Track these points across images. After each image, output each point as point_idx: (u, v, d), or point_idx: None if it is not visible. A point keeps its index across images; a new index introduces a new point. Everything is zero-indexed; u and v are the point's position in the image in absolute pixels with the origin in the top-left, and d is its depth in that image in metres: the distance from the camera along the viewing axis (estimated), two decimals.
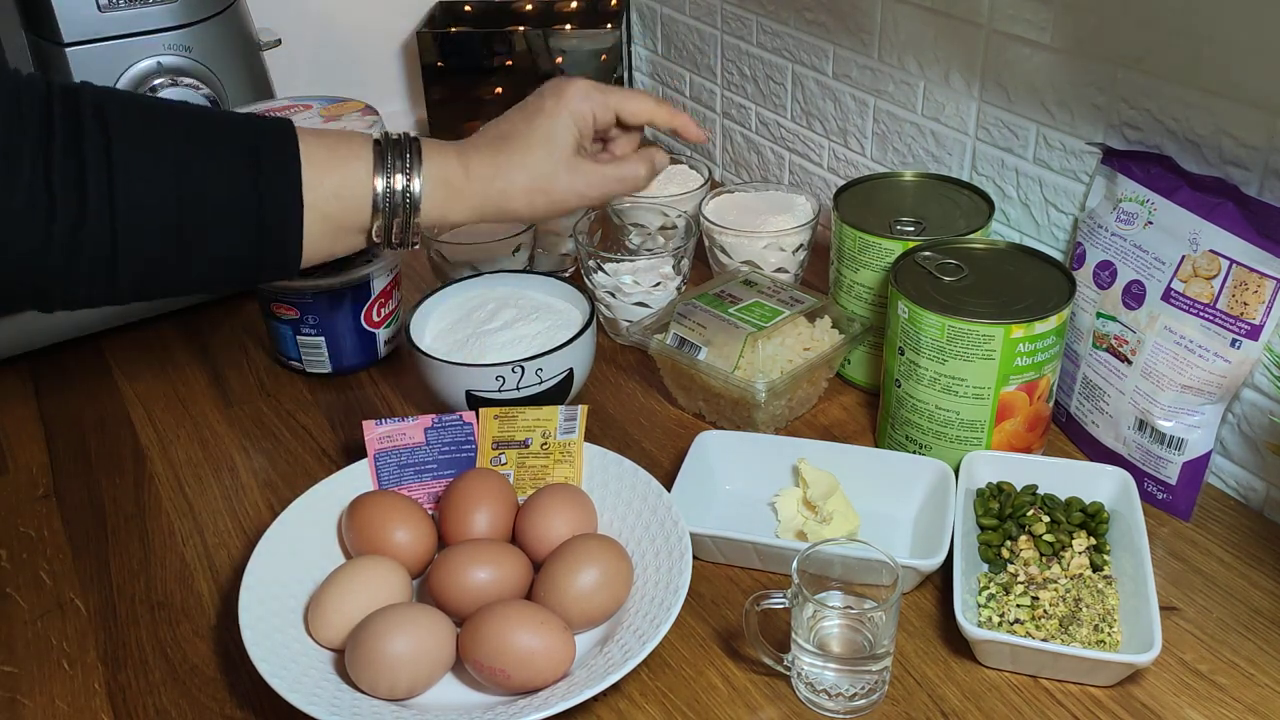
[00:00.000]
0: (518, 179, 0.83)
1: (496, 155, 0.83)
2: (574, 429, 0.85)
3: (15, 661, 0.76)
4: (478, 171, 0.82)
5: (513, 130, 0.85)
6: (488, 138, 0.85)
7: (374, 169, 0.78)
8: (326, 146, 0.77)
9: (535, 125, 0.84)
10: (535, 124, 0.85)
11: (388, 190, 0.78)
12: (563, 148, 0.84)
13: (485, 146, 0.84)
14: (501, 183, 0.82)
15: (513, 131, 0.85)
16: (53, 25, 1.00)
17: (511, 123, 0.86)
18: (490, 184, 0.82)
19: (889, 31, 1.06)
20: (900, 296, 0.83)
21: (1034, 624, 0.73)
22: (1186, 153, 0.82)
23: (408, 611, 0.70)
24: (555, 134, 0.84)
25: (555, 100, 0.86)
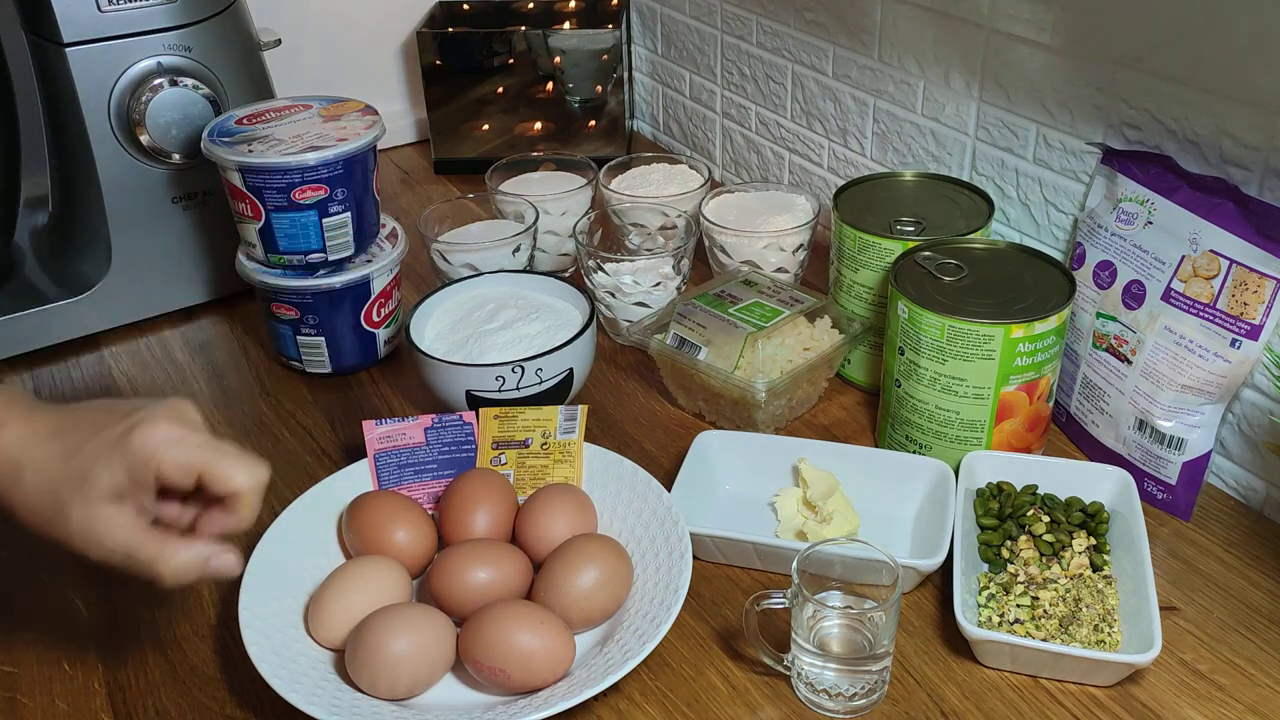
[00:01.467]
0: (26, 483, 0.63)
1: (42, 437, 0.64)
2: (574, 429, 0.85)
3: (15, 661, 0.76)
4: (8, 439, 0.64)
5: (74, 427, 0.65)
6: (59, 411, 0.66)
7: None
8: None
9: (88, 441, 0.64)
10: (91, 439, 0.64)
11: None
12: (90, 487, 0.63)
13: (41, 417, 0.65)
14: (9, 476, 0.63)
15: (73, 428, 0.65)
16: (53, 25, 1.00)
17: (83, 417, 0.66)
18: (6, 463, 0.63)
19: (889, 31, 1.06)
20: (900, 296, 0.83)
21: (1034, 624, 0.73)
22: (1186, 153, 0.82)
23: (408, 611, 0.70)
24: (94, 465, 0.63)
25: (129, 427, 0.64)
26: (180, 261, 1.12)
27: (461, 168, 1.42)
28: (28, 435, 0.64)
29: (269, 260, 0.98)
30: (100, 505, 0.63)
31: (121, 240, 1.08)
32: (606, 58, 1.37)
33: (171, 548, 0.64)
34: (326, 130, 0.97)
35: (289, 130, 0.97)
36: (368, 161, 0.98)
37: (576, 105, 1.40)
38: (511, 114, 1.40)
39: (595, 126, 1.41)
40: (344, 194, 0.96)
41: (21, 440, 0.64)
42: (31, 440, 0.64)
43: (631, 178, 1.18)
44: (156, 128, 1.04)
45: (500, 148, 1.40)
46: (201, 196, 1.10)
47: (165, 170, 1.07)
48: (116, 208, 1.07)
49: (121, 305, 1.10)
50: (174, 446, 0.64)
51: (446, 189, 1.39)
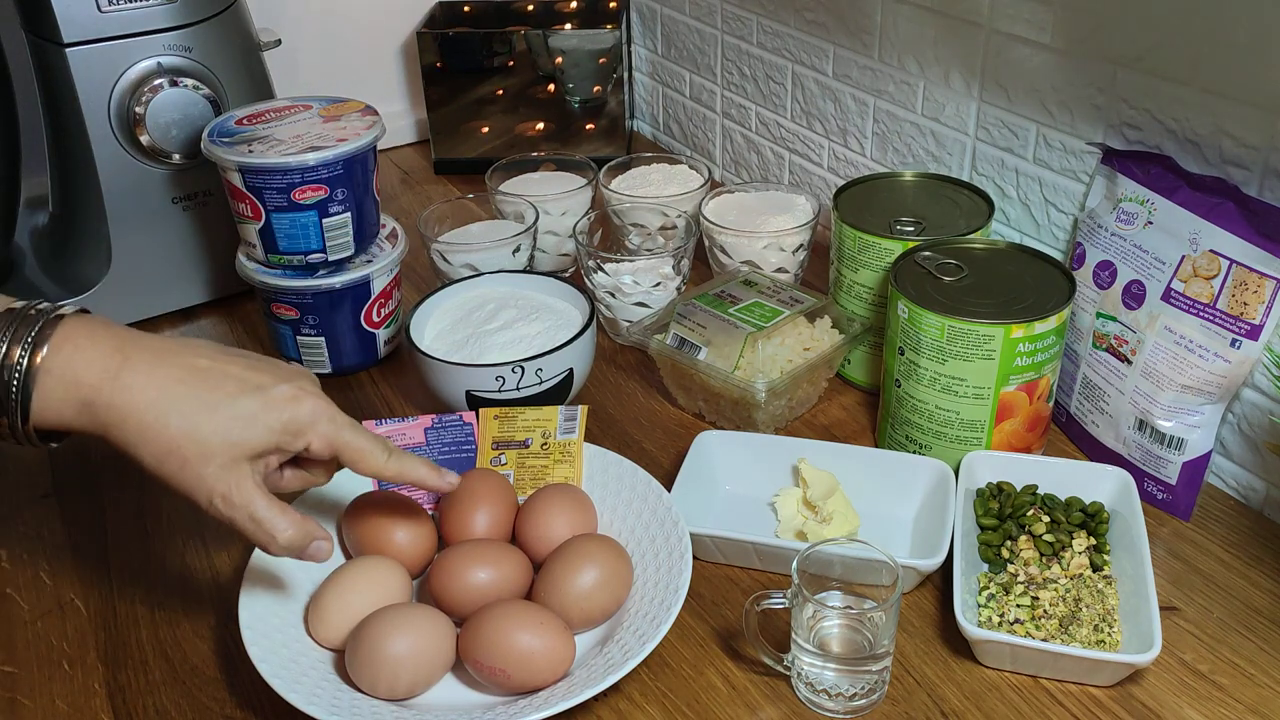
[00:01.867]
0: (170, 428, 0.62)
1: (171, 382, 0.63)
2: (574, 429, 0.85)
3: (15, 661, 0.76)
4: (128, 383, 0.62)
5: (216, 376, 0.65)
6: (175, 355, 0.65)
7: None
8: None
9: (244, 395, 0.64)
10: (245, 394, 0.65)
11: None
12: (243, 443, 0.64)
13: (163, 361, 0.64)
14: (148, 415, 0.62)
15: (215, 377, 0.65)
16: (53, 25, 1.00)
17: (220, 368, 0.65)
18: (134, 408, 0.62)
19: (889, 31, 1.06)
20: (900, 296, 0.83)
21: (1034, 624, 0.73)
22: (1186, 153, 0.82)
23: (408, 611, 0.70)
24: (252, 424, 0.64)
25: (285, 395, 0.66)
26: (180, 261, 1.12)
27: (461, 168, 1.42)
28: (166, 375, 0.63)
29: (269, 260, 0.98)
30: (244, 462, 0.64)
31: (121, 240, 1.08)
32: (606, 58, 1.37)
33: (287, 520, 0.66)
34: (326, 130, 0.97)
35: (289, 130, 0.97)
36: (368, 162, 0.98)
37: (576, 105, 1.40)
38: (511, 114, 1.40)
39: (595, 126, 1.41)
40: (344, 194, 0.96)
41: (160, 379, 0.63)
42: (173, 380, 0.63)
43: (631, 178, 1.18)
44: (156, 128, 1.04)
45: (500, 148, 1.40)
46: (201, 197, 1.10)
47: (165, 170, 1.07)
48: (116, 208, 1.07)
49: (121, 305, 1.10)
50: (329, 423, 0.67)
51: (446, 189, 1.39)
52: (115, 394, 0.62)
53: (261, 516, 0.65)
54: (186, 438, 0.63)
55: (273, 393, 0.65)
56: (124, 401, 0.62)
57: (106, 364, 0.62)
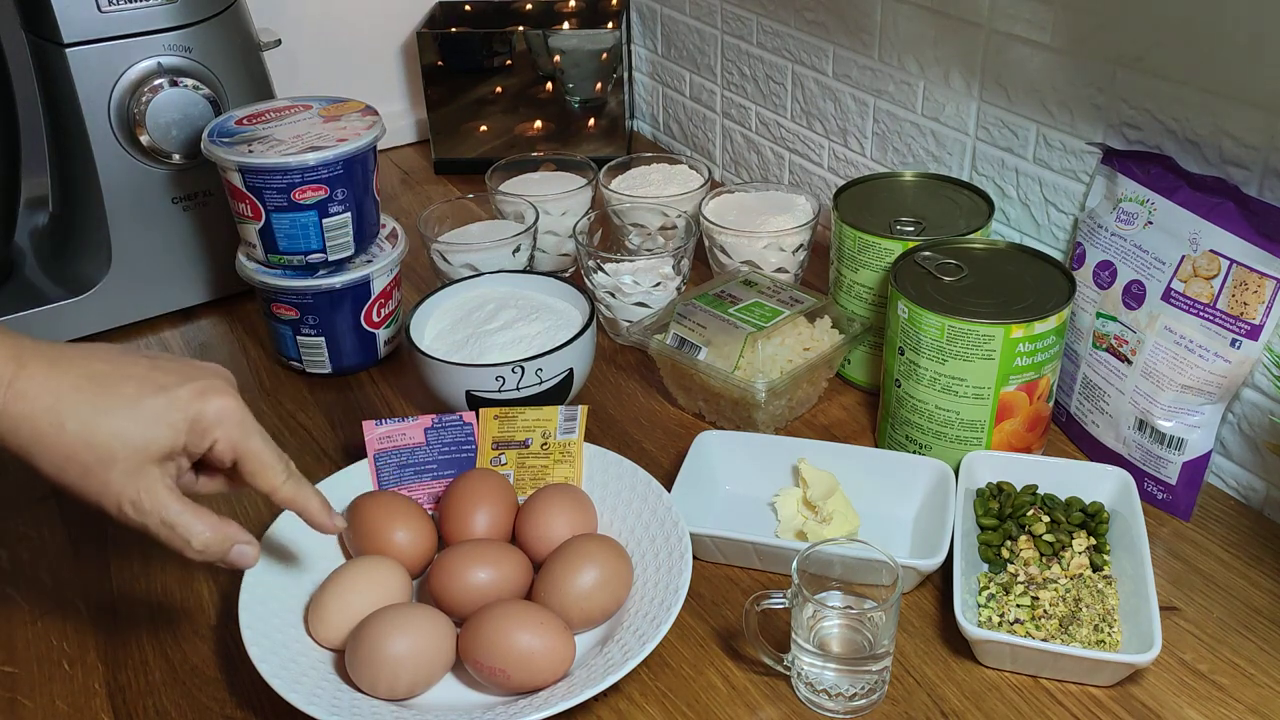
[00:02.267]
0: (67, 434, 0.61)
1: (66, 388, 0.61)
2: (574, 429, 0.85)
3: (15, 661, 0.76)
4: (22, 390, 0.60)
5: (115, 379, 0.62)
6: (73, 361, 0.63)
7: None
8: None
9: (148, 395, 0.62)
10: (147, 395, 0.62)
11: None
12: (148, 444, 0.62)
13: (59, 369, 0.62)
14: (43, 422, 0.60)
15: (113, 380, 0.62)
16: (53, 25, 1.00)
17: (120, 370, 0.63)
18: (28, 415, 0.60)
19: (889, 31, 1.06)
20: (900, 296, 0.83)
21: (1034, 624, 0.73)
22: (1186, 153, 0.82)
23: (408, 611, 0.70)
24: (156, 423, 0.62)
25: (193, 391, 0.63)
26: (180, 261, 1.12)
27: (461, 168, 1.42)
28: (60, 381, 0.61)
29: (269, 260, 0.98)
30: (151, 465, 0.62)
31: (121, 240, 1.08)
32: (606, 58, 1.37)
33: (203, 523, 0.64)
34: (326, 130, 0.97)
35: (289, 130, 0.97)
36: (368, 162, 0.98)
37: (576, 105, 1.40)
38: (511, 114, 1.40)
39: (595, 126, 1.41)
40: (344, 194, 0.96)
41: (55, 385, 0.61)
42: (68, 386, 0.61)
43: (631, 178, 1.18)
44: (156, 128, 1.04)
45: (500, 148, 1.40)
46: (201, 197, 1.10)
47: (165, 170, 1.07)
48: (116, 208, 1.07)
49: (121, 305, 1.10)
50: (236, 426, 0.64)
51: (446, 189, 1.39)
52: (10, 402, 0.60)
53: (174, 521, 0.63)
54: (83, 443, 0.61)
55: (177, 392, 0.63)
56: (18, 410, 0.60)
57: (1, 372, 0.61)
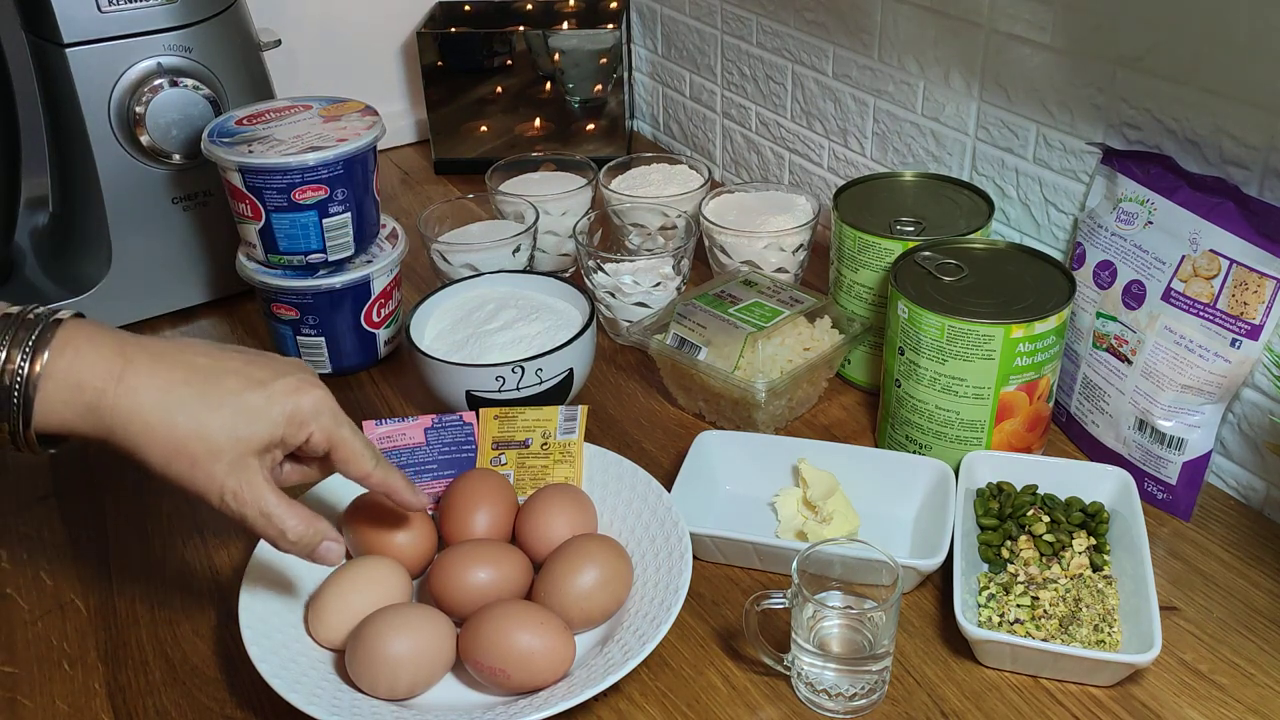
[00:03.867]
0: (178, 429, 0.63)
1: (175, 384, 0.63)
2: (574, 429, 0.85)
3: (15, 661, 0.76)
4: (131, 386, 0.62)
5: (217, 373, 0.65)
6: (174, 356, 0.65)
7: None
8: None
9: (247, 390, 0.65)
10: (248, 389, 0.65)
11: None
12: (251, 437, 0.64)
13: (164, 363, 0.64)
14: (154, 416, 0.62)
15: (215, 374, 0.65)
16: (53, 26, 1.00)
17: (219, 365, 0.66)
18: (138, 410, 0.62)
19: (889, 31, 1.06)
20: (900, 296, 0.83)
21: (1034, 624, 0.73)
22: (1186, 153, 0.82)
23: (408, 611, 0.70)
24: (258, 418, 0.65)
25: (288, 390, 0.66)
26: (180, 262, 1.12)
27: (461, 168, 1.42)
28: (168, 376, 0.63)
29: (269, 260, 0.98)
30: (251, 457, 0.65)
31: (121, 240, 1.08)
32: (606, 58, 1.37)
33: (297, 517, 0.67)
34: (326, 131, 0.97)
35: (289, 131, 0.97)
36: (368, 162, 0.98)
37: (576, 105, 1.40)
38: (511, 114, 1.40)
39: (595, 126, 1.41)
40: (344, 194, 0.96)
41: (162, 381, 0.63)
42: (176, 381, 0.63)
43: (631, 178, 1.18)
44: (156, 128, 1.04)
45: (500, 148, 1.40)
46: (201, 197, 1.10)
47: (165, 170, 1.07)
48: (117, 208, 1.07)
49: (121, 305, 1.10)
50: (330, 417, 0.68)
51: (446, 189, 1.39)
52: (120, 397, 0.62)
53: (272, 512, 0.66)
54: (194, 436, 0.63)
55: (275, 386, 0.66)
56: (129, 404, 0.62)
57: (109, 367, 0.62)
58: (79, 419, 0.62)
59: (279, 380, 0.66)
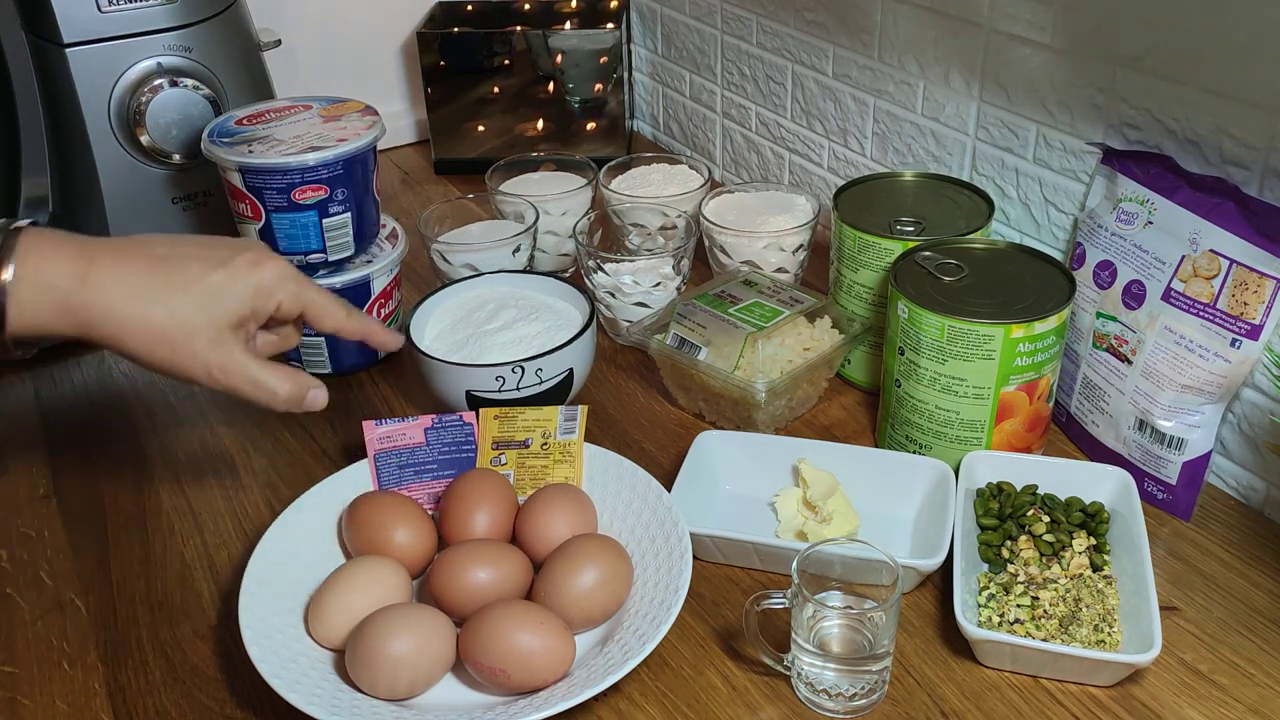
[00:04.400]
0: (152, 315, 0.67)
1: (138, 276, 0.67)
2: (574, 429, 0.85)
3: (15, 661, 0.76)
4: (100, 283, 0.66)
5: (178, 260, 0.69)
6: (136, 250, 0.69)
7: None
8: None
9: (210, 271, 0.69)
10: (211, 270, 0.69)
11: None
12: (223, 314, 0.69)
13: (127, 258, 0.68)
14: (127, 308, 0.67)
15: (177, 261, 0.69)
16: (53, 25, 1.00)
17: (179, 251, 0.70)
18: (110, 304, 0.66)
19: (889, 31, 1.06)
20: (900, 296, 0.83)
21: (1034, 624, 0.73)
22: (1186, 153, 0.82)
23: (408, 611, 0.70)
24: (225, 295, 0.69)
25: (249, 265, 0.71)
26: None
27: (461, 168, 1.42)
28: (132, 268, 0.67)
29: None
30: (227, 331, 0.70)
31: None
32: (606, 58, 1.37)
33: (281, 375, 0.72)
34: (326, 131, 0.97)
35: (289, 131, 0.97)
36: (368, 162, 0.98)
37: (576, 105, 1.40)
38: (511, 114, 1.40)
39: (595, 126, 1.41)
40: (344, 194, 0.96)
41: (127, 273, 0.67)
42: (141, 272, 0.68)
43: (631, 178, 1.18)
44: (156, 128, 1.04)
45: (500, 148, 1.40)
46: (201, 197, 1.10)
47: (165, 170, 1.07)
48: (117, 208, 1.07)
49: None
50: (291, 282, 0.73)
51: (446, 189, 1.39)
52: (88, 293, 0.66)
53: (257, 378, 0.71)
54: (168, 321, 0.67)
55: (235, 263, 0.70)
56: (99, 300, 0.66)
57: (74, 266, 0.66)
58: (54, 318, 0.66)
59: (239, 256, 0.71)
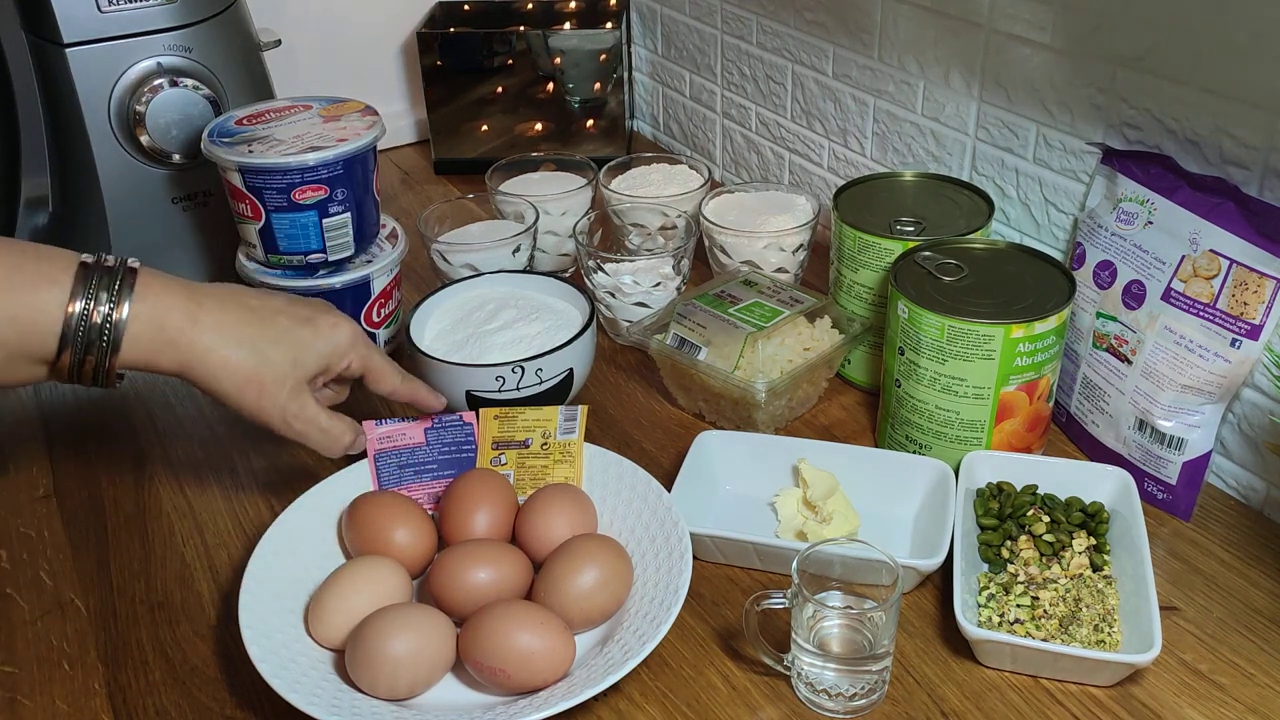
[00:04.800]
0: (248, 362, 0.74)
1: (240, 323, 0.74)
2: (574, 429, 0.85)
3: (15, 661, 0.76)
4: (209, 322, 0.73)
5: (269, 313, 0.76)
6: (233, 299, 0.75)
7: (71, 294, 0.69)
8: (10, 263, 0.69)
9: (297, 327, 0.77)
10: (297, 326, 0.77)
11: (83, 321, 0.69)
12: (304, 367, 0.76)
13: (228, 306, 0.75)
14: (228, 352, 0.73)
15: (268, 314, 0.76)
16: (53, 26, 1.00)
17: (269, 305, 0.77)
18: (212, 347, 0.73)
19: (889, 31, 1.06)
20: (900, 296, 0.83)
21: (1034, 624, 0.73)
22: (1186, 153, 0.82)
23: (408, 611, 0.70)
24: (309, 350, 0.77)
25: (328, 323, 0.78)
26: (180, 262, 1.12)
27: (461, 168, 1.42)
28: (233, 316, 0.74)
29: (269, 260, 0.98)
30: (304, 384, 0.77)
31: (122, 241, 1.08)
32: (606, 58, 1.37)
33: (344, 423, 0.80)
34: (326, 131, 0.97)
35: (289, 131, 0.97)
36: (368, 162, 0.98)
37: (576, 105, 1.40)
38: (511, 114, 1.40)
39: (595, 126, 1.41)
40: (344, 194, 0.96)
41: (228, 320, 0.74)
42: (240, 321, 0.74)
43: (631, 178, 1.18)
44: (156, 128, 1.04)
45: (500, 148, 1.40)
46: (201, 197, 1.10)
47: (165, 171, 1.07)
48: (117, 208, 1.07)
49: None
50: (361, 345, 0.80)
51: (446, 189, 1.39)
52: (197, 335, 0.72)
53: (328, 427, 0.78)
54: (263, 367, 0.74)
55: (319, 322, 0.78)
56: (203, 342, 0.73)
57: (186, 308, 0.72)
58: (159, 355, 0.72)
59: (321, 317, 0.78)
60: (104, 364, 0.71)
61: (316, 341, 0.77)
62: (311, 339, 0.77)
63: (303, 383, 0.77)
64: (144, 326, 0.71)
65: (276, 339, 0.75)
